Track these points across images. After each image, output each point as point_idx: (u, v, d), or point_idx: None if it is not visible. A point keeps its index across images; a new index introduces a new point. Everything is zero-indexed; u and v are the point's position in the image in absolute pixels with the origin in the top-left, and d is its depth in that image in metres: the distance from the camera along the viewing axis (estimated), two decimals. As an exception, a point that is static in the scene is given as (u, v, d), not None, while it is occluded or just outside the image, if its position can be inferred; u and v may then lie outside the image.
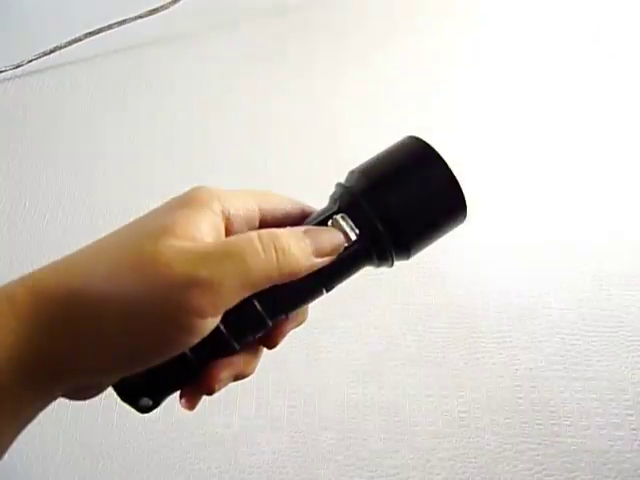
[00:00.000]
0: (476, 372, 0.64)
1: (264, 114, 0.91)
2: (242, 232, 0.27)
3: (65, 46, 0.98)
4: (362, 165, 0.32)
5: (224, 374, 0.29)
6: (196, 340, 0.25)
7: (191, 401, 0.30)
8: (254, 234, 0.26)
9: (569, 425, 0.61)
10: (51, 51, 0.98)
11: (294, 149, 0.86)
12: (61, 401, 0.61)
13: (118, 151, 0.87)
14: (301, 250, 0.27)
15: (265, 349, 0.32)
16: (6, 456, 0.57)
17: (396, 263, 0.32)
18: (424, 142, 0.31)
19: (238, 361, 0.30)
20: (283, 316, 0.30)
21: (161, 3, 1.00)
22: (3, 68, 0.97)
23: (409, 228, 0.30)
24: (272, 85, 0.96)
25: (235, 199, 0.29)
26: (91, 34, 0.98)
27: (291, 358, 0.65)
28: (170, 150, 0.86)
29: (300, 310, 0.31)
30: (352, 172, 0.31)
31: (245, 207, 0.29)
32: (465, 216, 0.31)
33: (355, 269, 0.31)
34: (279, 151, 0.86)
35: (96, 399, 0.62)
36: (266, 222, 0.31)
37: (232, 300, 0.25)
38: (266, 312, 0.28)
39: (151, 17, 0.99)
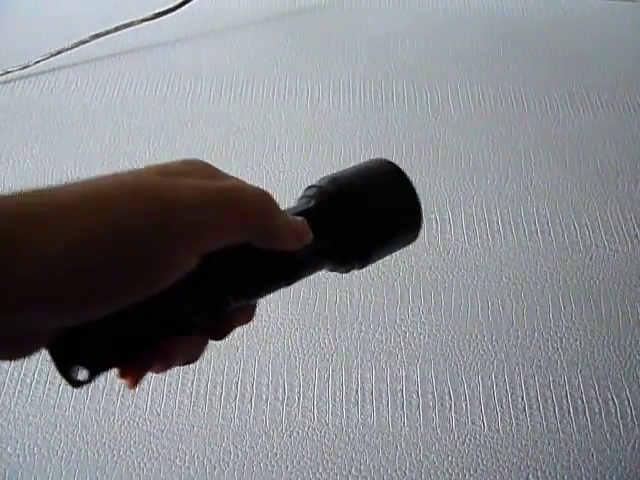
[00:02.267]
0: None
1: (263, 116, 0.93)
2: None
3: (71, 48, 0.99)
4: (337, 173, 0.33)
5: (178, 350, 0.27)
6: (177, 274, 0.23)
7: (135, 378, 0.27)
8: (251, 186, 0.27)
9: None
10: (57, 52, 0.99)
11: (289, 148, 0.87)
12: (63, 396, 0.62)
13: (122, 152, 0.88)
14: (285, 218, 0.28)
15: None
16: (9, 450, 0.58)
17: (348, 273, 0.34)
18: (395, 165, 0.33)
19: (190, 342, 0.28)
20: (243, 302, 0.30)
21: (167, 7, 1.02)
22: (10, 69, 0.98)
23: (373, 234, 0.32)
24: (273, 87, 0.97)
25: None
26: (97, 36, 0.99)
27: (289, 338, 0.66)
28: (172, 150, 0.88)
29: (252, 306, 0.31)
30: (325, 178, 0.33)
31: None
32: (417, 236, 0.34)
33: (315, 266, 0.32)
34: (276, 150, 0.87)
35: (97, 395, 0.63)
36: None
37: (220, 239, 0.24)
38: (230, 290, 0.28)
39: (157, 20, 1.00)
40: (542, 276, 0.73)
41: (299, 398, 0.63)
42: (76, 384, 0.25)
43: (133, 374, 0.26)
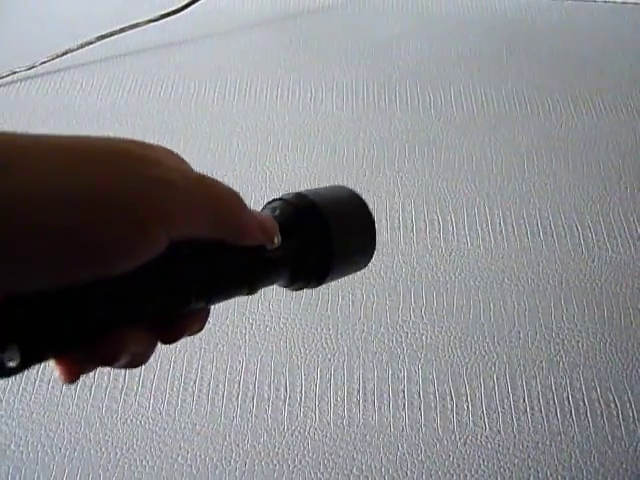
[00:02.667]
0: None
1: (267, 117, 0.93)
2: None
3: (77, 48, 1.00)
4: (301, 191, 0.34)
5: (127, 344, 0.24)
6: (147, 254, 0.22)
7: (74, 371, 0.24)
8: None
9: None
10: (63, 53, 1.00)
11: (292, 149, 0.88)
12: (67, 394, 0.63)
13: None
14: (253, 214, 0.28)
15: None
16: (12, 446, 0.58)
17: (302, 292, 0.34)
18: (354, 191, 0.35)
19: (141, 338, 0.25)
20: (202, 303, 0.29)
21: (172, 8, 1.02)
22: (16, 69, 0.99)
23: (336, 248, 0.33)
24: (277, 88, 0.97)
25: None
26: (103, 37, 1.00)
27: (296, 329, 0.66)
28: (176, 150, 0.88)
29: (205, 314, 0.30)
30: (288, 193, 0.34)
31: None
32: (370, 260, 0.36)
33: (276, 275, 0.32)
34: (279, 151, 0.87)
35: (100, 393, 0.63)
36: None
37: (194, 226, 0.24)
38: (194, 286, 0.28)
39: (162, 21, 1.01)
40: (544, 278, 0.73)
41: (301, 398, 0.63)
42: (4, 372, 0.21)
43: (72, 365, 0.24)
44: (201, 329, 0.29)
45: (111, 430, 0.61)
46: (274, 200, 0.34)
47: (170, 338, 0.27)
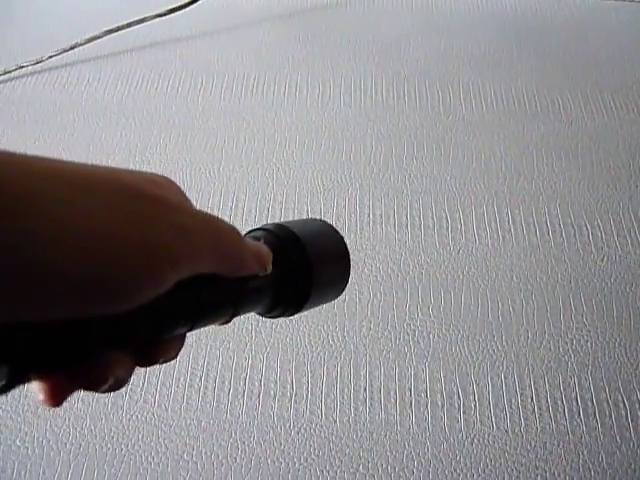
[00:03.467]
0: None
1: (274, 113, 0.93)
2: None
3: (84, 43, 1.00)
4: (285, 221, 0.35)
5: (113, 366, 0.24)
6: (155, 294, 0.23)
7: (59, 395, 0.24)
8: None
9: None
10: (71, 48, 0.99)
11: (299, 146, 0.87)
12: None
13: (133, 147, 0.88)
14: (249, 246, 0.29)
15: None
16: (18, 442, 0.58)
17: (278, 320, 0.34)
18: (333, 227, 0.37)
19: (128, 362, 0.25)
20: (185, 329, 0.29)
21: (180, 3, 1.02)
22: (23, 63, 0.99)
23: (315, 277, 0.34)
24: (284, 84, 0.97)
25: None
26: (110, 32, 0.99)
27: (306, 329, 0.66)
28: (183, 146, 0.88)
29: (182, 340, 0.30)
30: (269, 224, 0.35)
31: None
32: (344, 289, 0.38)
33: (256, 302, 0.33)
34: (286, 148, 0.87)
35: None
36: None
37: (201, 266, 0.25)
38: (181, 316, 0.28)
39: (170, 16, 1.01)
40: (553, 277, 0.73)
41: (307, 395, 0.63)
42: None
43: (57, 389, 0.24)
44: (177, 355, 0.29)
45: (116, 426, 0.61)
46: (255, 230, 0.35)
47: (148, 361, 0.28)
